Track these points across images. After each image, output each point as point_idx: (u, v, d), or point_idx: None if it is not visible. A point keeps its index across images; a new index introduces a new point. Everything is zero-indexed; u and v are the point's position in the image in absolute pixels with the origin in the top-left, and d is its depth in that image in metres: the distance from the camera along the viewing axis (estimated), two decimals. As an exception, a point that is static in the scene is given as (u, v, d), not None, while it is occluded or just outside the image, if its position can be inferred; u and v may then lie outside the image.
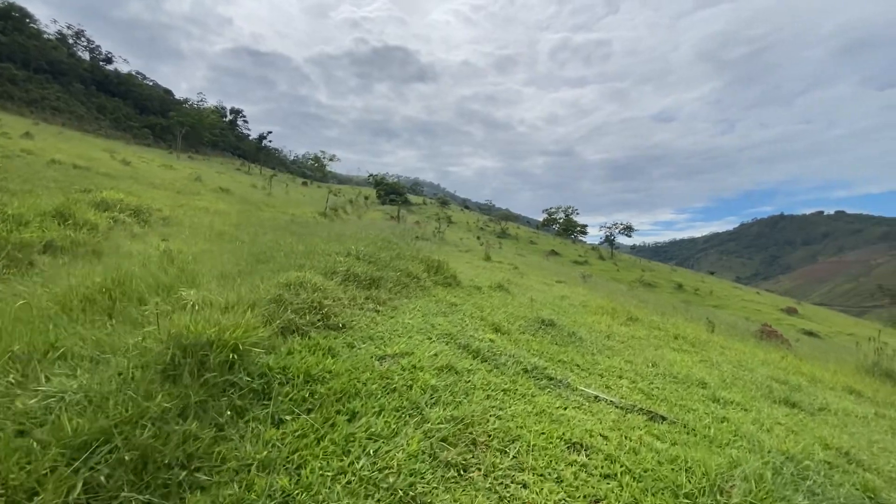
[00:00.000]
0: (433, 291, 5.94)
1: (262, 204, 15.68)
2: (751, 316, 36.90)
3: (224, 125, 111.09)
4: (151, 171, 18.46)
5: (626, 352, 5.69)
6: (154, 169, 20.85)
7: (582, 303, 9.94)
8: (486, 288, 8.09)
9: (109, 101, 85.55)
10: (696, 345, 7.65)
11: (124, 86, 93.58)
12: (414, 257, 6.96)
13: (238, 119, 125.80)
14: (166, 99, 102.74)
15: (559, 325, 5.93)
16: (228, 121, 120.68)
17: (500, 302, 6.81)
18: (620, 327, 7.71)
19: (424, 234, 21.30)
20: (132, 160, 22.74)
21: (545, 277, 16.38)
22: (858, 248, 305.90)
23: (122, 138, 67.90)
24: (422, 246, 8.53)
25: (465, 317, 5.04)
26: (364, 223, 15.61)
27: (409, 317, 4.36)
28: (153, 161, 25.62)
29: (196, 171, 24.00)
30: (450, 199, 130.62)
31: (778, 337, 11.03)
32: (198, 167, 33.08)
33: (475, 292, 7.03)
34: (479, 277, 9.87)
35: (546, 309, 7.59)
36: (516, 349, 4.30)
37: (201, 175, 19.49)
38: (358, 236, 7.14)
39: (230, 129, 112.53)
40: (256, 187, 25.72)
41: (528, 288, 10.65)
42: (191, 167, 30.94)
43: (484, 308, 5.89)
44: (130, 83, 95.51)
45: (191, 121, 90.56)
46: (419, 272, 6.26)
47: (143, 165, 21.56)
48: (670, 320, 10.21)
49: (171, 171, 20.50)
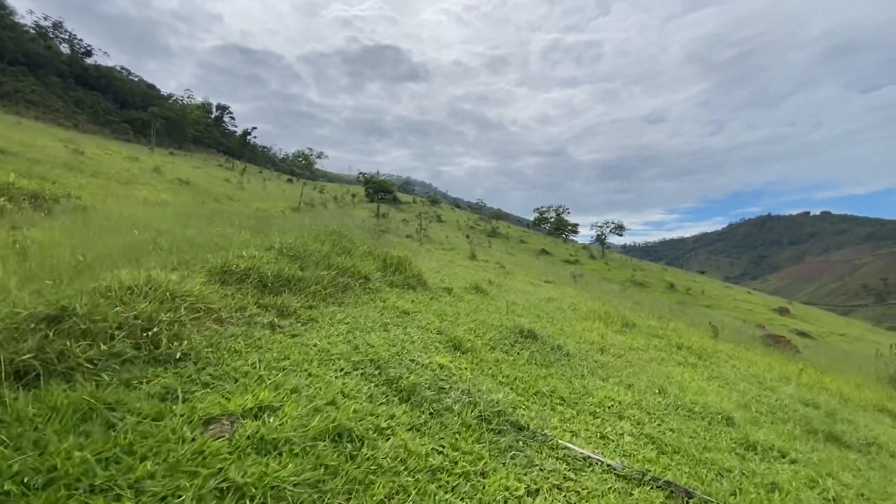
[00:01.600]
0: (384, 295, 4.73)
1: (225, 197, 14.34)
2: (744, 316, 36.23)
3: (209, 121, 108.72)
4: (109, 162, 16.99)
5: (625, 371, 4.53)
6: (115, 160, 19.35)
7: (571, 306, 8.80)
8: (460, 290, 6.90)
9: (88, 94, 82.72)
10: (703, 356, 6.54)
11: (104, 79, 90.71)
12: (369, 253, 5.74)
13: (224, 115, 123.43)
14: (149, 94, 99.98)
15: (542, 337, 4.76)
16: (214, 117, 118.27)
17: (471, 307, 5.62)
18: (615, 336, 6.58)
19: (404, 231, 20.07)
20: (94, 151, 21.19)
21: (533, 277, 15.24)
22: (843, 249, 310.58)
23: (99, 133, 65.62)
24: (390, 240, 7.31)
25: (415, 330, 3.83)
26: (331, 215, 14.34)
27: (325, 334, 3.14)
28: (119, 153, 24.02)
29: (160, 163, 22.49)
30: (441, 198, 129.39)
31: (784, 342, 10.00)
32: (172, 161, 31.48)
33: (442, 296, 5.83)
34: (455, 278, 8.68)
35: (528, 315, 6.42)
36: (477, 377, 3.11)
37: (161, 166, 18.04)
38: (301, 227, 5.89)
39: (216, 125, 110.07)
40: (230, 181, 24.23)
41: (512, 289, 9.49)
42: (162, 160, 29.37)
43: (447, 316, 4.69)
44: (110, 77, 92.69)
45: (175, 116, 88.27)
46: (370, 271, 5.05)
47: (105, 157, 20.04)
48: (669, 325, 9.12)
49: (132, 163, 19.02)
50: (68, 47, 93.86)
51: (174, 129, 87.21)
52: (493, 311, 5.72)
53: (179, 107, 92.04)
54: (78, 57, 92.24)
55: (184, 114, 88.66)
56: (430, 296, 5.52)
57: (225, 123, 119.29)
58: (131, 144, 56.10)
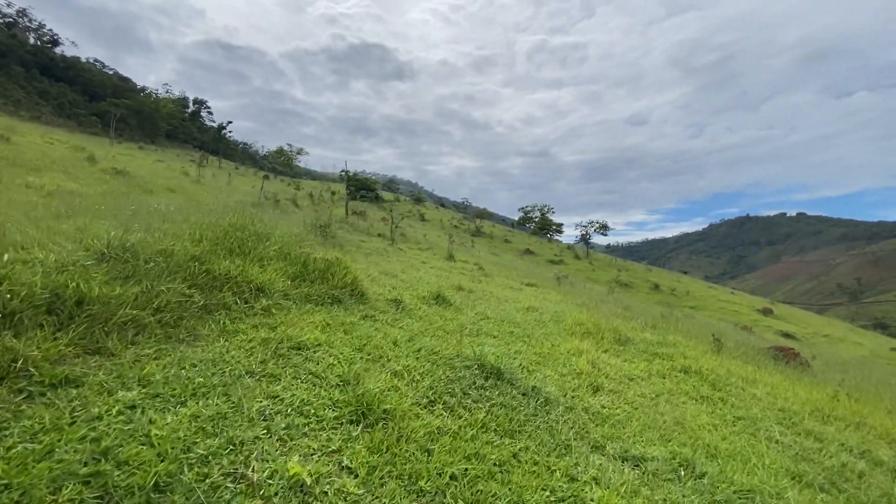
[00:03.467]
0: (283, 317, 3.27)
1: (166, 189, 12.63)
2: (730, 318, 35.70)
3: (186, 116, 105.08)
4: (40, 151, 15.07)
5: (629, 426, 3.16)
6: (53, 149, 17.36)
7: (554, 316, 7.44)
8: (415, 301, 5.46)
9: (54, 86, 78.60)
10: (716, 384, 5.23)
11: (72, 70, 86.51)
12: (283, 255, 4.26)
13: (202, 111, 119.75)
14: (121, 86, 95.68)
15: (511, 375, 3.36)
16: (191, 112, 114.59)
17: (420, 329, 4.18)
18: (609, 358, 5.23)
19: (378, 229, 18.55)
20: (31, 140, 19.13)
21: (514, 280, 13.89)
22: (819, 249, 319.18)
23: (64, 126, 62.15)
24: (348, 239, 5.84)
25: (298, 386, 2.38)
26: (302, 212, 12.73)
27: (61, 415, 1.66)
28: (65, 143, 21.89)
29: (115, 154, 20.48)
30: (426, 197, 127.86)
31: (792, 355, 8.84)
32: (130, 154, 29.29)
33: (384, 313, 4.38)
34: (417, 284, 7.24)
35: (499, 334, 5.02)
36: (376, 492, 1.67)
37: (101, 157, 16.13)
38: (188, 217, 4.35)
39: (192, 120, 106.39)
40: (189, 174, 22.27)
41: (486, 297, 8.09)
42: (119, 152, 27.24)
43: (372, 349, 3.24)
44: (79, 68, 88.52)
45: (147, 110, 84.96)
46: (271, 281, 3.58)
47: (39, 146, 18.00)
48: (667, 338, 7.85)
49: (73, 152, 17.06)
50: (34, 36, 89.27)
51: (146, 123, 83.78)
52: (449, 334, 4.29)
53: (152, 100, 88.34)
54: (43, 46, 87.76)
55: (157, 107, 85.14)
56: (362, 314, 4.07)
57: (202, 118, 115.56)
58: (95, 137, 53.11)
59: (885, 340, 44.21)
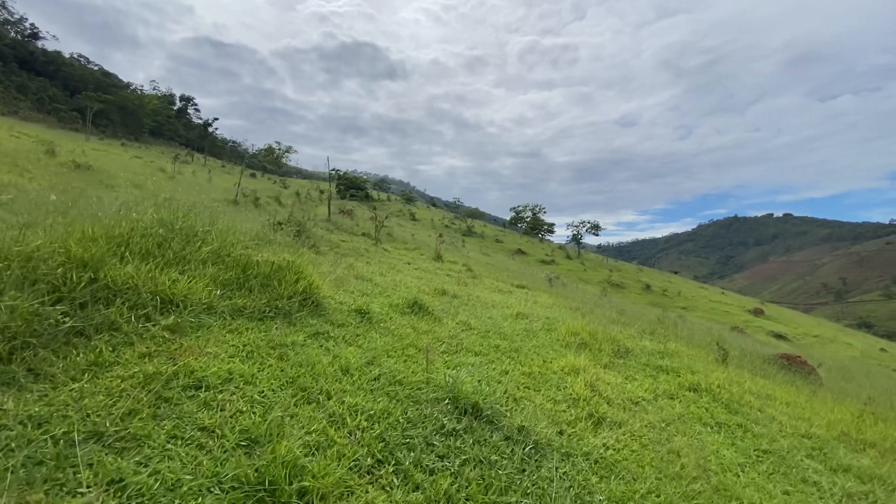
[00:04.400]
0: (193, 339, 2.51)
1: (131, 185, 11.72)
2: (721, 318, 35.47)
3: (172, 113, 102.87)
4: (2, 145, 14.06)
5: (640, 478, 2.46)
6: (15, 143, 16.32)
7: (546, 324, 6.74)
8: (385, 311, 4.72)
9: (33, 80, 76.24)
10: (730, 406, 4.57)
11: (53, 65, 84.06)
12: (217, 256, 3.51)
13: (189, 108, 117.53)
14: (104, 81, 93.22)
15: (493, 413, 2.64)
16: (177, 109, 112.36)
17: (383, 348, 3.45)
18: (609, 376, 4.55)
19: (363, 228, 17.73)
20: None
21: (504, 281, 13.20)
22: (804, 249, 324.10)
23: (43, 121, 60.21)
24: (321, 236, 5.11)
25: (167, 458, 1.63)
26: (285, 211, 11.91)
27: None
28: (33, 137, 20.75)
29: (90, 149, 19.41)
30: (417, 196, 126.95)
31: (799, 363, 8.27)
32: (107, 150, 28.10)
33: (341, 328, 3.64)
34: (395, 289, 6.50)
35: (481, 349, 4.30)
36: None
37: (57, 149, 15.09)
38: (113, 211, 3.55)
39: (178, 117, 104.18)
40: (165, 171, 21.21)
41: (471, 302, 7.37)
42: (95, 147, 26.12)
43: (304, 381, 2.49)
44: (59, 62, 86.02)
45: (132, 106, 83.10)
46: (188, 290, 2.83)
47: (6, 140, 16.94)
48: (668, 346, 7.20)
49: (34, 146, 16.03)
50: (14, 30, 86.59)
51: (130, 119, 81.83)
52: (417, 357, 3.55)
53: (136, 96, 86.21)
54: (23, 40, 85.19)
55: (141, 104, 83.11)
56: (312, 330, 3.32)
57: (189, 115, 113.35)
58: (74, 133, 51.44)
59: (873, 341, 44.43)
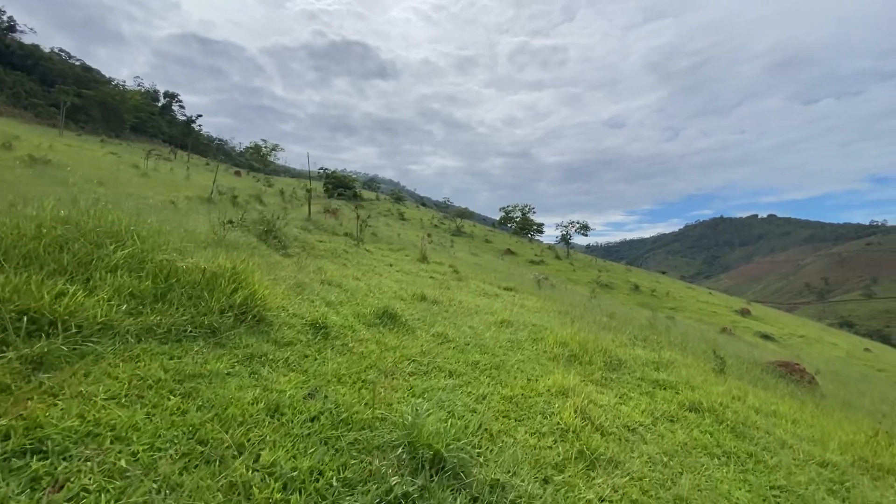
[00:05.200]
0: (50, 378, 1.91)
1: (95, 182, 10.92)
2: (709, 318, 35.48)
3: (156, 110, 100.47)
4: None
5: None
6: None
7: (533, 332, 6.22)
8: (352, 322, 4.14)
9: (10, 74, 73.73)
10: (736, 429, 4.08)
11: (30, 59, 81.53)
12: (136, 263, 2.89)
13: (173, 104, 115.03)
14: (84, 76, 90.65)
15: (460, 463, 2.08)
16: (161, 105, 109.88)
17: (338, 370, 2.87)
18: (601, 395, 4.04)
19: (346, 228, 17.07)
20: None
21: (491, 283, 12.68)
22: (788, 249, 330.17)
23: (19, 116, 58.16)
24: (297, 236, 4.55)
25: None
26: (267, 209, 11.21)
27: None
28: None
29: (26, 140, 18.39)
30: (407, 196, 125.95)
31: (798, 371, 7.88)
32: (80, 145, 26.97)
33: (290, 345, 3.05)
34: (367, 295, 5.93)
35: (456, 372, 3.74)
36: None
37: (13, 143, 14.18)
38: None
39: (162, 114, 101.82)
40: (139, 167, 20.25)
41: (453, 308, 6.81)
42: (69, 142, 25.03)
43: (208, 432, 1.90)
44: (37, 56, 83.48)
45: (113, 101, 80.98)
46: (75, 307, 2.23)
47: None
48: (664, 355, 6.74)
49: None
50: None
51: (111, 115, 79.64)
52: (386, 376, 2.98)
53: (117, 92, 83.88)
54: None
55: (122, 99, 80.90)
56: (247, 352, 2.73)
57: (173, 112, 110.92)
58: (51, 129, 49.64)
59: (857, 340, 44.98)
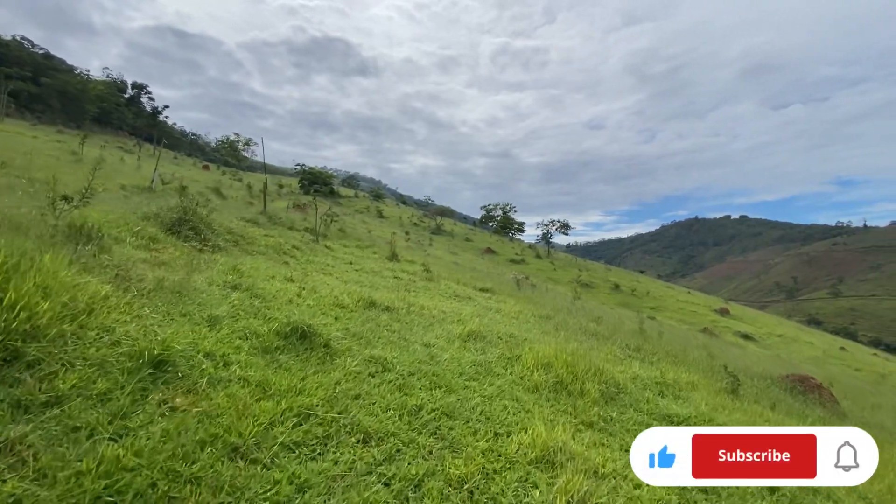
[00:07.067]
0: None
1: (22, 170, 9.15)
2: (690, 318, 35.17)
3: (121, 101, 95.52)
4: None
5: None
6: None
7: (508, 349, 4.93)
8: (222, 348, 2.77)
9: (-41, 61, 68.53)
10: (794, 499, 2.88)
11: (-17, 45, 76.08)
12: None
13: (142, 96, 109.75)
14: (44, 64, 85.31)
15: None
16: (129, 97, 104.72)
17: (121, 462, 1.50)
18: (602, 454, 2.77)
19: (307, 224, 15.52)
20: None
21: (466, 284, 11.38)
22: (759, 249, 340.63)
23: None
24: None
25: None
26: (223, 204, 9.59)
27: None
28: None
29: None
30: (386, 194, 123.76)
31: (815, 387, 6.84)
32: (24, 133, 24.53)
33: (54, 405, 1.69)
34: (285, 305, 4.54)
35: (387, 431, 2.40)
36: None
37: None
38: None
39: (129, 105, 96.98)
40: (76, 154, 18.14)
41: (412, 315, 5.46)
42: (4, 128, 22.63)
43: None
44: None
45: (73, 91, 76.60)
46: None
47: None
48: (667, 373, 5.56)
49: None
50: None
51: (71, 105, 75.24)
52: (218, 477, 1.63)
53: (79, 80, 79.22)
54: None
55: (84, 89, 76.46)
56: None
57: (142, 104, 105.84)
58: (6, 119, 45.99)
59: (831, 339, 45.70)
